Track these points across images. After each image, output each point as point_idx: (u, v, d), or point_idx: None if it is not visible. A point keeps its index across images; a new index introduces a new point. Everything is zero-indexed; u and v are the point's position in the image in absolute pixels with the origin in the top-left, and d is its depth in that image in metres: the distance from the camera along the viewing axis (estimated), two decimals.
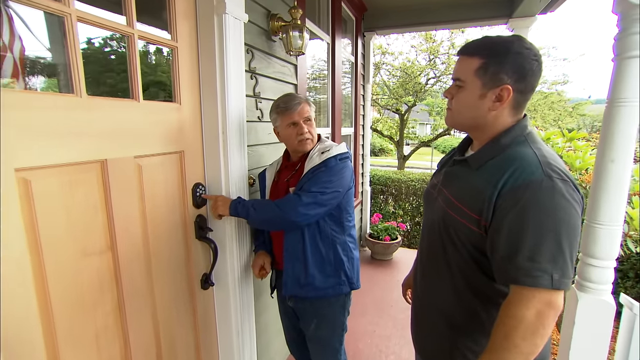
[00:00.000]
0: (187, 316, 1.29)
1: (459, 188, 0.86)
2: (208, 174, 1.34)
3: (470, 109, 0.83)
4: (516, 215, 0.71)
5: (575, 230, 0.70)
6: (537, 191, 0.70)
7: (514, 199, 0.71)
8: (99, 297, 0.93)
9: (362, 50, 3.56)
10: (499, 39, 0.79)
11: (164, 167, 1.15)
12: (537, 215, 0.69)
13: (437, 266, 0.93)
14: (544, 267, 0.68)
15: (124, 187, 0.98)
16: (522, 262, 0.70)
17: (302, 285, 1.34)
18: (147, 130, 1.07)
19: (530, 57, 0.77)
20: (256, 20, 1.47)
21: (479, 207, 0.77)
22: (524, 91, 0.79)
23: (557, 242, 0.68)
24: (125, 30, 0.96)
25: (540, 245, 0.69)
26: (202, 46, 1.24)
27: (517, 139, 0.80)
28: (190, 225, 1.29)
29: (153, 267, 1.12)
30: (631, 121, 1.20)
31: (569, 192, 0.71)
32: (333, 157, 1.29)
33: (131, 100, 1.02)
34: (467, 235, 0.82)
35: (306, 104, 1.33)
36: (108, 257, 0.95)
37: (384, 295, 2.99)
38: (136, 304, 1.05)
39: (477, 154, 0.85)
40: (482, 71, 0.78)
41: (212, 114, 1.28)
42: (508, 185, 0.73)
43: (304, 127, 1.31)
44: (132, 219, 1.02)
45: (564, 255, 0.69)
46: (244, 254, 1.46)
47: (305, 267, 1.33)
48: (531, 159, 0.74)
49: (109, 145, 0.93)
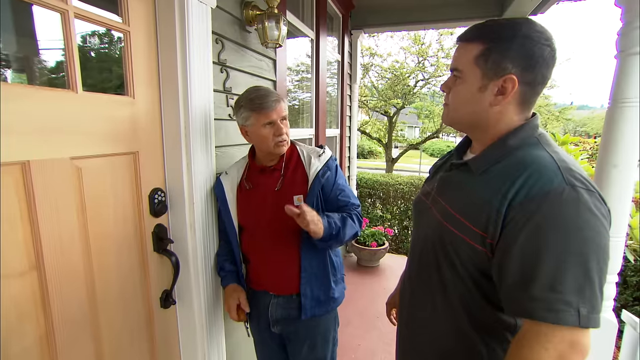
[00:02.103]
0: (143, 341, 1.13)
1: (458, 197, 0.74)
2: (169, 178, 1.18)
3: (469, 104, 0.70)
4: (532, 232, 0.57)
5: (605, 252, 0.57)
6: (558, 203, 0.57)
7: (529, 212, 0.58)
8: (16, 328, 0.76)
9: (349, 48, 3.44)
10: (504, 21, 0.67)
11: (113, 170, 0.99)
12: (558, 234, 0.56)
13: (429, 289, 0.79)
14: (568, 299, 0.55)
15: (55, 194, 0.82)
16: (539, 291, 0.56)
17: (323, 303, 1.23)
18: (90, 127, 0.91)
19: (541, 42, 0.63)
20: (227, 7, 1.32)
21: (483, 221, 0.64)
22: (532, 83, 0.66)
23: (584, 267, 0.55)
24: (57, 5, 0.80)
25: (563, 271, 0.55)
26: (162, 32, 1.09)
27: (527, 141, 0.67)
28: (148, 237, 1.13)
29: (97, 287, 0.95)
30: (636, 123, 1.10)
31: (596, 205, 0.57)
32: (330, 159, 1.25)
33: (67, 90, 0.85)
34: (469, 254, 0.68)
35: (282, 101, 1.17)
36: (31, 278, 0.78)
37: (370, 306, 2.86)
38: (72, 333, 0.88)
39: (479, 156, 0.72)
40: (483, 59, 0.66)
41: (173, 109, 1.12)
42: (521, 195, 0.60)
43: (282, 128, 1.15)
44: (66, 231, 0.86)
45: (593, 285, 0.55)
46: (211, 267, 1.30)
47: (325, 283, 1.23)
48: (548, 163, 0.61)
49: (34, 143, 0.77)
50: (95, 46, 1.05)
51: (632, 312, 1.84)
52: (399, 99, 8.62)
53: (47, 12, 0.81)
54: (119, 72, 1.03)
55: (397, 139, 10.27)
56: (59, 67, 0.87)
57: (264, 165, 1.23)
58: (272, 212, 1.18)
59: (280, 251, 1.20)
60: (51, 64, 0.92)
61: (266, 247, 1.21)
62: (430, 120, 9.88)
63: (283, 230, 1.17)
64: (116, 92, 1.04)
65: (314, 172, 1.18)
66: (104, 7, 0.98)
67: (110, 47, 1.08)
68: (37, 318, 0.80)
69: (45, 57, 0.90)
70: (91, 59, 1.06)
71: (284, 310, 1.23)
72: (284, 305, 1.23)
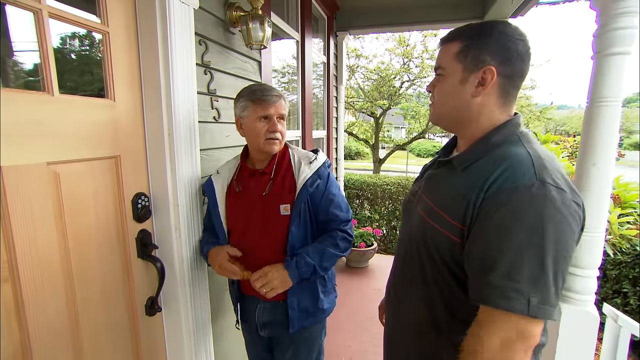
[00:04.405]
0: (127, 350, 1.10)
1: (441, 193, 0.76)
2: (152, 182, 1.15)
3: (452, 97, 0.74)
4: (497, 223, 0.60)
5: (565, 249, 0.59)
6: (525, 197, 0.59)
7: (498, 203, 0.61)
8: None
9: (335, 50, 3.45)
10: (481, 22, 0.73)
11: (93, 175, 0.96)
12: (521, 226, 0.58)
13: (413, 288, 0.80)
14: (520, 288, 0.57)
15: (30, 201, 0.79)
16: (496, 279, 0.59)
17: (312, 314, 1.20)
18: (67, 131, 0.88)
19: (515, 37, 0.69)
20: (210, 8, 1.31)
21: (462, 214, 0.66)
22: (511, 76, 0.70)
23: (540, 260, 0.57)
24: (30, 5, 0.77)
25: (520, 261, 0.58)
26: (143, 34, 1.07)
27: (509, 138, 0.70)
28: (131, 243, 1.10)
29: (78, 296, 0.92)
30: (613, 122, 1.13)
31: (565, 203, 0.60)
32: (323, 166, 1.17)
33: (42, 93, 0.82)
34: (449, 249, 0.70)
35: (284, 100, 1.15)
36: (5, 289, 0.75)
37: (359, 306, 2.86)
38: (50, 344, 0.85)
39: (463, 153, 0.75)
40: (463, 54, 0.71)
41: (155, 112, 1.10)
42: (493, 188, 0.62)
43: (277, 124, 1.13)
44: (43, 239, 0.82)
45: (547, 278, 0.58)
46: (197, 272, 1.27)
47: (314, 294, 1.20)
48: (523, 159, 0.64)
49: (6, 149, 0.74)
50: (74, 48, 1.01)
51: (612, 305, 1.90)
52: (385, 100, 8.68)
53: (20, 11, 0.78)
54: (99, 74, 1.00)
55: (383, 139, 10.35)
56: (34, 69, 0.83)
57: (255, 169, 1.20)
58: (259, 217, 1.15)
59: (266, 258, 1.13)
60: (26, 66, 0.89)
61: (253, 252, 1.16)
62: (416, 121, 9.99)
63: (270, 236, 1.14)
64: (96, 94, 1.01)
65: (302, 180, 1.13)
66: (81, 7, 0.95)
67: (90, 49, 1.05)
68: (10, 330, 0.76)
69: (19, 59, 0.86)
70: (70, 61, 1.02)
71: (270, 315, 1.21)
72: (270, 310, 1.21)
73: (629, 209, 2.07)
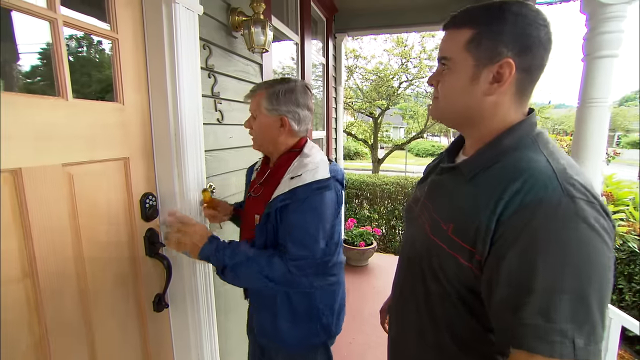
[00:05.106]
0: (137, 345, 1.14)
1: (447, 206, 0.67)
2: (160, 183, 1.19)
3: (460, 95, 0.64)
4: (522, 249, 0.51)
5: (606, 273, 0.50)
6: (553, 217, 0.50)
7: (520, 225, 0.51)
8: (11, 336, 0.77)
9: (334, 51, 3.50)
10: (495, 2, 0.60)
11: (104, 176, 1.00)
12: (551, 251, 0.49)
13: (413, 307, 0.73)
14: (562, 328, 0.47)
15: (47, 201, 0.83)
16: (530, 317, 0.49)
17: (270, 334, 1.12)
18: (80, 134, 0.92)
19: (537, 21, 0.57)
20: (214, 14, 1.35)
21: (471, 234, 0.57)
22: (529, 69, 0.60)
23: (580, 292, 0.48)
24: (46, 14, 0.81)
25: (556, 295, 0.48)
26: (150, 39, 1.11)
27: (523, 141, 0.60)
28: (140, 241, 1.14)
29: (90, 292, 0.96)
30: (602, 121, 1.18)
31: (597, 218, 0.50)
32: (305, 187, 0.96)
33: (57, 98, 0.86)
34: (454, 269, 0.62)
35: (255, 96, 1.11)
36: (25, 285, 0.79)
37: (360, 304, 2.91)
38: (66, 338, 0.89)
39: (471, 159, 0.65)
40: (475, 44, 0.60)
41: (162, 115, 1.14)
42: (512, 207, 0.53)
43: (246, 122, 1.14)
44: (59, 237, 0.86)
45: (591, 311, 0.48)
46: (203, 270, 1.32)
47: (273, 318, 1.09)
48: (543, 168, 0.54)
49: (25, 151, 0.78)
50: (84, 53, 1.05)
51: None
52: (383, 100, 8.74)
53: (36, 20, 0.82)
54: (108, 78, 1.04)
55: (382, 139, 10.42)
56: (48, 75, 0.87)
57: (266, 165, 1.19)
58: (245, 217, 1.19)
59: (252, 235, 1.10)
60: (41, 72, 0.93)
61: None
62: (414, 120, 10.06)
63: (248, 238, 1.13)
64: (103, 97, 1.05)
65: (275, 194, 1.00)
66: (92, 14, 0.99)
67: (100, 54, 1.09)
68: (30, 325, 0.80)
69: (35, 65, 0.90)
70: (81, 66, 1.06)
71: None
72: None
73: (622, 206, 2.12)
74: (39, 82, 0.92)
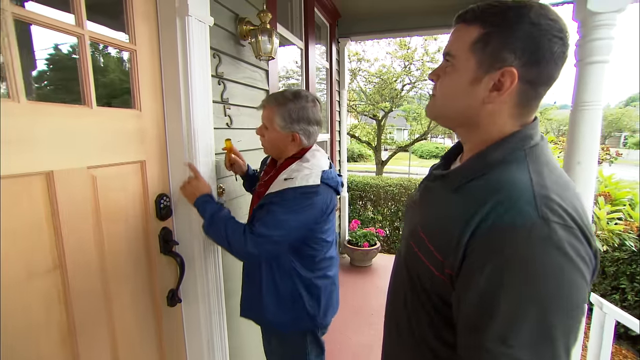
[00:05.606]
0: (152, 336, 1.21)
1: (429, 214, 0.66)
2: (173, 184, 1.26)
3: (458, 97, 0.60)
4: (490, 273, 0.49)
5: (575, 304, 0.48)
6: (523, 242, 0.48)
7: (490, 248, 0.50)
8: (44, 321, 0.84)
9: (337, 56, 3.57)
10: (512, 3, 0.55)
11: (123, 177, 1.08)
12: (518, 278, 0.47)
13: (397, 316, 0.72)
14: (517, 356, 0.46)
15: (74, 201, 0.90)
16: (489, 342, 0.48)
17: (255, 312, 1.26)
18: (103, 139, 0.99)
19: (552, 33, 0.52)
20: (223, 24, 1.42)
21: (444, 246, 0.56)
22: (535, 82, 0.55)
23: (542, 321, 0.46)
24: (74, 30, 0.89)
25: (517, 322, 0.47)
26: (164, 50, 1.18)
27: (512, 156, 0.57)
28: (154, 239, 1.21)
29: (111, 285, 1.03)
30: (595, 123, 1.23)
31: (573, 244, 0.48)
32: (292, 189, 1.09)
33: (83, 106, 0.94)
34: (430, 280, 0.60)
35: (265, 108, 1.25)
36: (55, 276, 0.86)
37: (364, 304, 2.96)
38: (90, 326, 0.96)
39: (459, 168, 0.64)
40: (481, 45, 0.56)
41: (176, 121, 1.21)
42: (485, 226, 0.51)
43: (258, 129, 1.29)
44: (84, 234, 0.94)
45: (554, 344, 0.46)
46: (214, 267, 1.38)
47: (259, 295, 1.21)
48: (522, 188, 0.52)
49: (56, 155, 0.85)
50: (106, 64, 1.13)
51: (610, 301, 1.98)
52: (386, 103, 8.80)
53: (65, 36, 0.89)
54: (127, 87, 1.12)
55: (386, 141, 10.45)
56: (75, 85, 0.95)
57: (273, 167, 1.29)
58: (249, 211, 1.31)
59: None
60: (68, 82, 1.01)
61: None
62: (418, 122, 10.11)
63: None
64: (110, 103, 1.12)
65: (269, 190, 1.13)
66: (112, 27, 1.07)
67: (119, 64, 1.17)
68: (60, 312, 0.88)
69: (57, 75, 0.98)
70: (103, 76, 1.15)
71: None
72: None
73: (620, 205, 2.16)
74: (65, 92, 0.99)
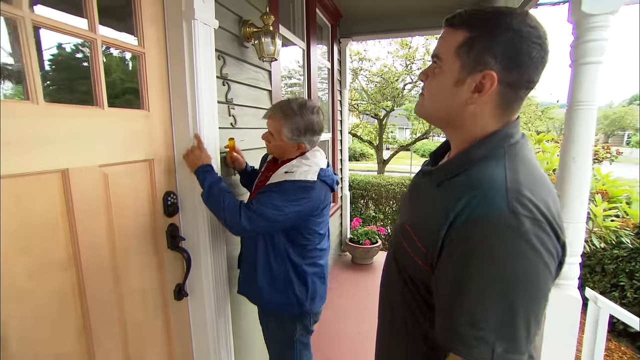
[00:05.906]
0: (160, 329, 1.25)
1: (415, 209, 0.71)
2: (180, 182, 1.31)
3: (443, 98, 0.64)
4: (461, 261, 0.54)
5: (537, 290, 0.52)
6: (492, 231, 0.52)
7: (462, 238, 0.54)
8: (60, 315, 0.88)
9: (338, 56, 3.60)
10: (497, 10, 0.59)
11: (133, 175, 1.12)
12: (485, 265, 0.52)
13: (389, 307, 0.77)
14: (484, 336, 0.51)
15: (88, 197, 0.95)
16: (459, 325, 0.53)
17: (251, 290, 1.38)
18: (114, 138, 1.03)
19: (531, 39, 0.56)
20: (227, 27, 1.46)
21: (427, 238, 0.61)
22: (514, 85, 0.59)
23: (508, 304, 0.51)
24: (87, 35, 0.93)
25: (484, 306, 0.52)
26: (171, 52, 1.22)
27: (492, 152, 0.61)
28: (162, 235, 1.26)
29: (122, 280, 1.08)
30: (589, 122, 1.26)
31: (539, 236, 0.51)
32: (291, 182, 1.20)
33: (95, 107, 0.98)
34: (417, 271, 0.64)
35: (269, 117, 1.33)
36: (71, 272, 0.91)
37: (366, 300, 3.00)
38: (103, 319, 1.00)
39: (443, 165, 0.69)
40: (465, 49, 0.59)
41: (182, 120, 1.26)
42: (461, 218, 0.55)
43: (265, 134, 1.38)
44: (97, 230, 0.98)
45: (516, 324, 0.51)
46: (219, 262, 1.43)
47: (255, 274, 1.32)
48: (497, 183, 0.55)
49: (71, 154, 0.90)
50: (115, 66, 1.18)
51: (610, 298, 2.02)
52: (388, 102, 8.82)
53: (77, 40, 0.94)
54: (135, 88, 1.16)
55: (387, 140, 10.47)
56: (87, 87, 0.99)
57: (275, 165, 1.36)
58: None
59: None
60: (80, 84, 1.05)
61: None
62: (419, 121, 10.10)
63: None
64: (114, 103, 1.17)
65: (270, 181, 1.24)
66: (121, 30, 1.11)
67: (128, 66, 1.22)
68: (75, 306, 0.92)
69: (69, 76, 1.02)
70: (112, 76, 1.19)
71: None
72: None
73: (617, 203, 2.19)
74: (78, 93, 1.03)
